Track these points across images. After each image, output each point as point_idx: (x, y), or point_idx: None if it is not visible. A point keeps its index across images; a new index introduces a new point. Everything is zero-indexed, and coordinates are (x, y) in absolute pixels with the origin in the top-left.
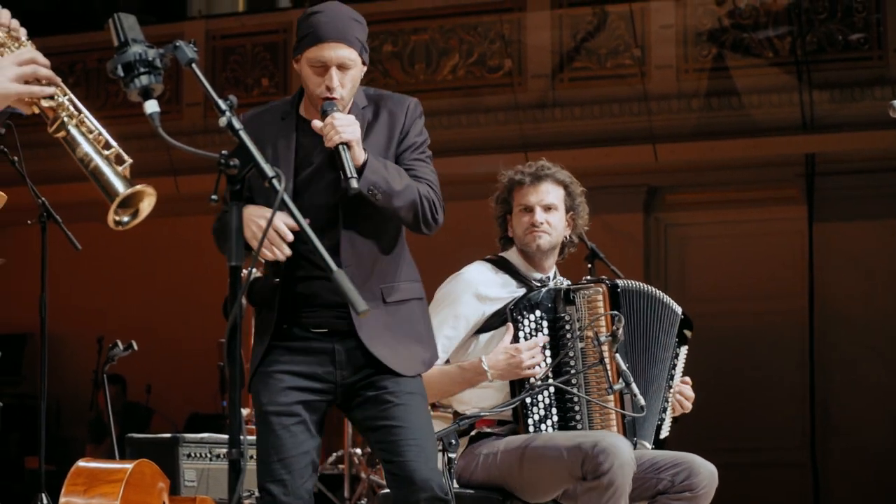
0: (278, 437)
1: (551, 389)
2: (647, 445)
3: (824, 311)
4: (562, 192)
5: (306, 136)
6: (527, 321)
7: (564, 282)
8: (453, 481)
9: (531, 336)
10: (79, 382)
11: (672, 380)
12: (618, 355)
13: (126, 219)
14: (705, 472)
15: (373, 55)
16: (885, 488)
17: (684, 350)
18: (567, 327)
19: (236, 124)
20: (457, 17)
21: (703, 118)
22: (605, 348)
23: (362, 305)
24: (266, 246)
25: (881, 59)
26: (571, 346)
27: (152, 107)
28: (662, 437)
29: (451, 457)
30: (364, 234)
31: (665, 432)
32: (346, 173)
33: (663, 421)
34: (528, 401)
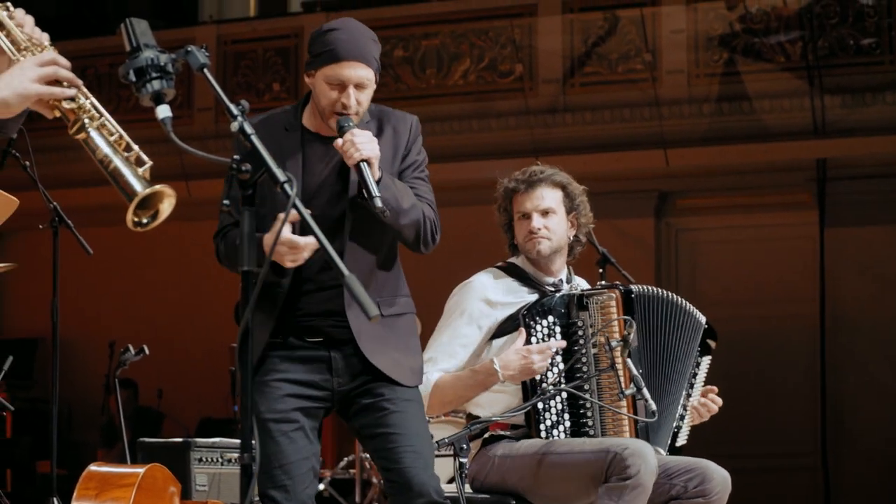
0: (278, 443)
1: (564, 395)
2: (662, 452)
3: (835, 315)
4: (559, 195)
5: (311, 148)
6: (539, 326)
7: (580, 283)
8: (465, 486)
9: (544, 341)
10: (90, 387)
11: (692, 388)
12: (629, 360)
13: (146, 220)
14: (718, 477)
15: (384, 60)
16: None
17: (707, 360)
18: (580, 333)
19: (248, 129)
20: (468, 21)
21: (714, 123)
22: (617, 354)
23: (374, 310)
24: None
25: (892, 63)
26: (584, 351)
27: (164, 112)
28: (679, 445)
29: (463, 461)
30: (366, 247)
31: (682, 440)
32: (369, 191)
33: (680, 429)
34: (540, 406)
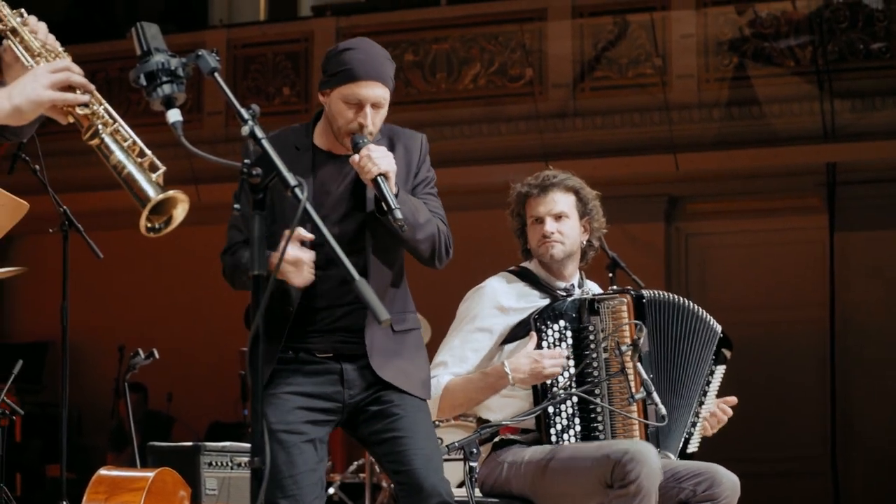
0: (289, 453)
1: (574, 399)
2: (671, 456)
3: (845, 319)
4: (572, 199)
5: (323, 166)
6: (551, 331)
7: (591, 288)
8: (475, 490)
9: (555, 346)
10: (100, 391)
11: (705, 396)
12: (639, 365)
13: (159, 225)
14: (727, 482)
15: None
16: None
17: (721, 369)
18: (591, 337)
19: (259, 133)
20: (478, 26)
21: (723, 127)
22: (627, 358)
23: (384, 314)
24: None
25: None
26: (595, 355)
27: (175, 116)
28: (690, 451)
29: (473, 465)
30: (384, 263)
31: (693, 447)
32: (389, 204)
33: (692, 435)
34: (550, 410)
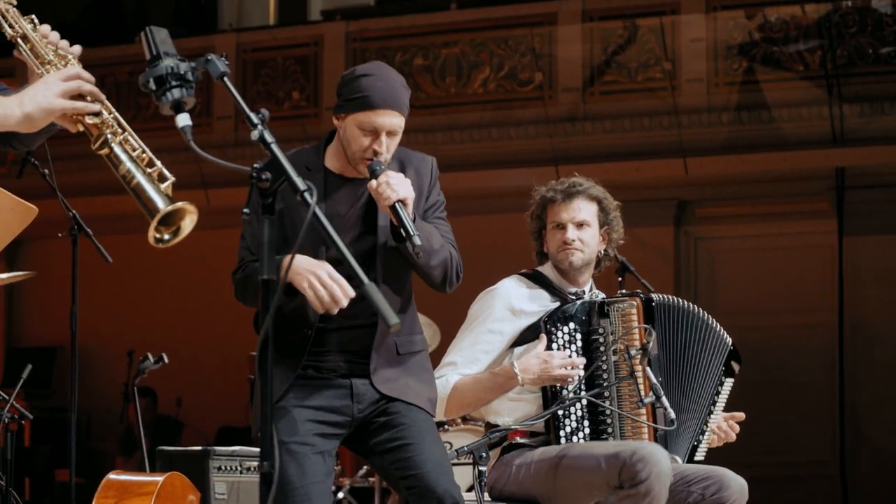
0: (299, 464)
1: (584, 402)
2: (679, 460)
3: (854, 324)
4: (595, 208)
5: (335, 189)
6: (560, 333)
7: (600, 295)
8: (484, 494)
9: (564, 348)
10: (109, 395)
11: (714, 406)
12: (648, 369)
13: (167, 236)
14: (735, 485)
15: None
16: None
17: (730, 382)
18: (601, 340)
19: (268, 137)
20: (488, 30)
21: (733, 132)
22: (636, 362)
23: (394, 318)
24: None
25: None
26: (604, 358)
27: (184, 120)
28: (697, 460)
29: (482, 470)
30: (395, 288)
31: (700, 455)
32: (408, 231)
33: (700, 443)
34: (560, 413)
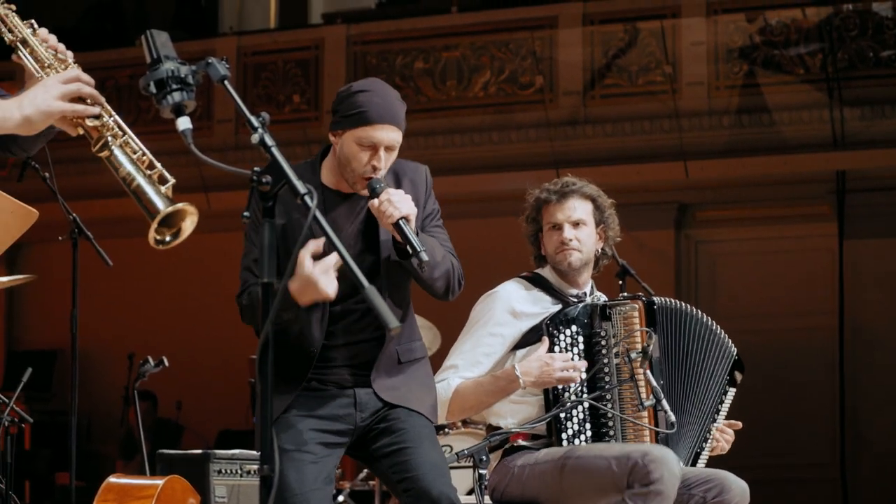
0: (300, 472)
1: (585, 404)
2: (681, 464)
3: (854, 327)
4: (590, 207)
5: (333, 205)
6: (562, 336)
7: (601, 297)
8: (485, 497)
9: (566, 351)
10: (109, 399)
11: (717, 414)
12: (649, 372)
13: (168, 238)
14: (737, 488)
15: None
16: None
17: (732, 391)
18: (602, 343)
19: (268, 141)
20: (488, 34)
21: (733, 135)
22: (637, 365)
23: (394, 322)
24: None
25: None
26: (606, 361)
27: (185, 123)
28: (699, 466)
29: (482, 473)
30: (397, 301)
31: (702, 462)
32: (414, 247)
33: (703, 450)
34: (561, 416)
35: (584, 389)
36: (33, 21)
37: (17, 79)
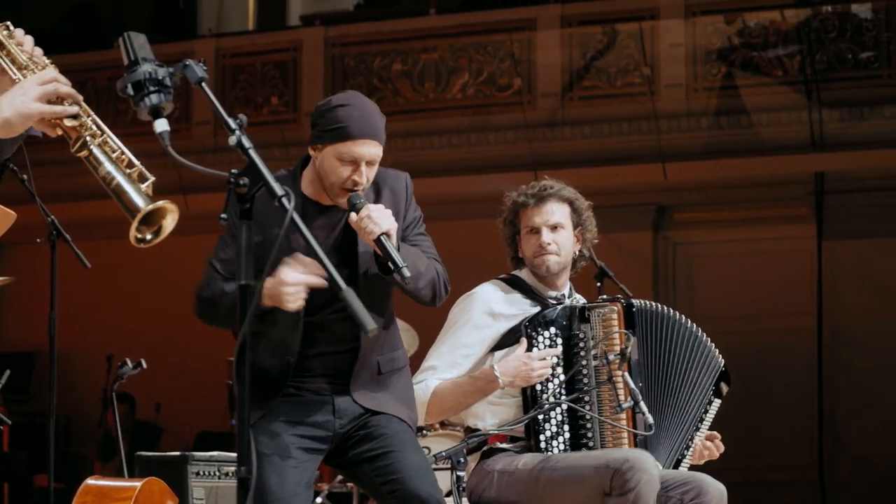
0: (280, 476)
1: (564, 406)
2: (659, 466)
3: (833, 328)
4: (567, 210)
5: (312, 216)
6: (541, 337)
7: (580, 299)
8: (462, 500)
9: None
10: (88, 400)
11: (701, 423)
12: (626, 374)
13: (149, 236)
14: (714, 490)
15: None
16: None
17: (717, 402)
18: (581, 345)
19: (246, 143)
20: (466, 36)
21: (712, 137)
22: (615, 367)
23: (371, 324)
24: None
25: (891, 77)
26: (585, 363)
27: (162, 125)
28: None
29: (460, 475)
30: (376, 311)
31: (683, 468)
32: (395, 263)
33: (684, 457)
34: (540, 417)
35: (563, 391)
36: (9, 23)
37: None
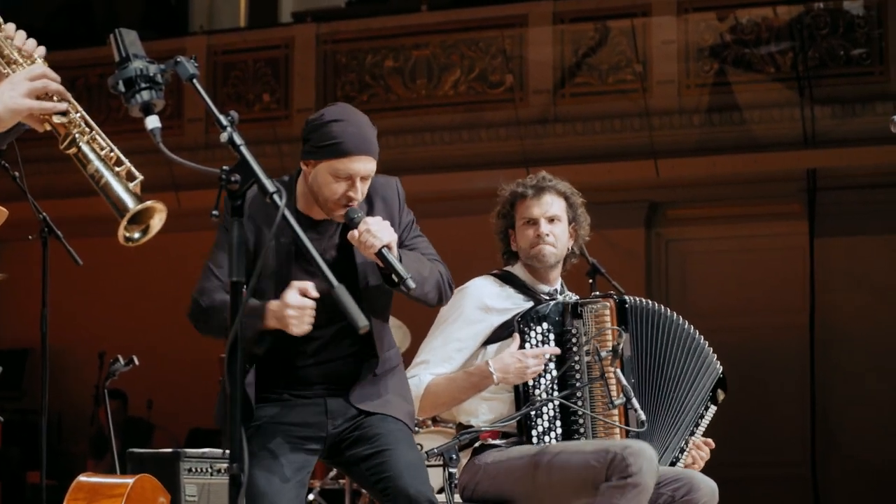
0: (270, 475)
1: (556, 402)
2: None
3: (825, 325)
4: (563, 204)
5: (307, 230)
6: (534, 333)
7: (572, 296)
8: (454, 496)
9: (537, 348)
10: (80, 397)
11: (697, 427)
12: (618, 371)
13: (137, 235)
14: (706, 487)
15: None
16: (885, 503)
17: (713, 409)
18: (574, 341)
19: (237, 140)
20: (458, 32)
21: (704, 133)
22: (607, 363)
23: (363, 321)
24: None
25: (882, 74)
26: (577, 359)
27: (153, 122)
28: None
29: (452, 472)
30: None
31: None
32: (399, 275)
33: (678, 460)
34: (532, 413)
35: (555, 387)
36: None
37: None
